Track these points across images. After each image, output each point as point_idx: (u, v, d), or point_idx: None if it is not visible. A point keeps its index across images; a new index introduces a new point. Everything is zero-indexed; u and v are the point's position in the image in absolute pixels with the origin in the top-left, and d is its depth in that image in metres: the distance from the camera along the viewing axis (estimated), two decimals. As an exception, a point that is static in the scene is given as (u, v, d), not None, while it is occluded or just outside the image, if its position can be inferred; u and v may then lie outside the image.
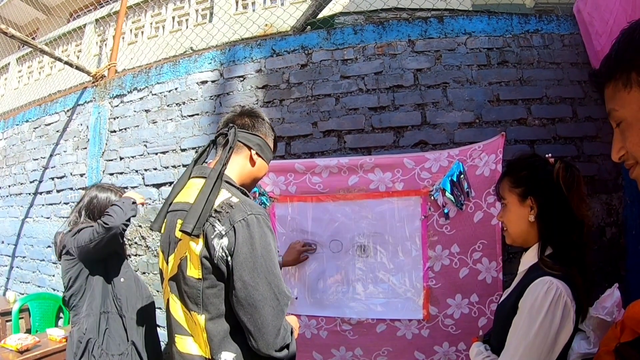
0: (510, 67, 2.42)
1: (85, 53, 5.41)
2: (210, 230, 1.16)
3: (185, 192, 1.32)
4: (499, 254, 2.10)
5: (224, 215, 1.16)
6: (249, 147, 1.39)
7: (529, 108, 2.37)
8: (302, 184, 2.23)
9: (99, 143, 3.30)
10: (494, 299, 2.11)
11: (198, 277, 1.18)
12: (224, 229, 1.15)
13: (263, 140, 1.43)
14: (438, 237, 2.14)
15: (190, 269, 1.20)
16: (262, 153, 1.42)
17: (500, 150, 2.11)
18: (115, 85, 3.34)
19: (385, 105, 2.38)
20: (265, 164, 1.45)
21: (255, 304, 1.12)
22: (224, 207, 1.18)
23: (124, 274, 2.17)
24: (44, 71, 6.16)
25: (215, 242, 1.15)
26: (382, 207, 2.18)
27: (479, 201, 2.14)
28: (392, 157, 2.17)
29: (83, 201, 2.21)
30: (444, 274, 2.14)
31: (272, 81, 2.58)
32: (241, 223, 1.15)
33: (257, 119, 1.44)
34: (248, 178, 1.42)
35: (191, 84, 2.86)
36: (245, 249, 1.13)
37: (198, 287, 1.19)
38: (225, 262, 1.15)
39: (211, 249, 1.15)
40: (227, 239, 1.14)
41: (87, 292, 2.08)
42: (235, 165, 1.38)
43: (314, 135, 2.45)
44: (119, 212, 1.98)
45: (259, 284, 1.12)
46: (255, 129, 1.42)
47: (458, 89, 2.38)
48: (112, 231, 1.94)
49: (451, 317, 2.14)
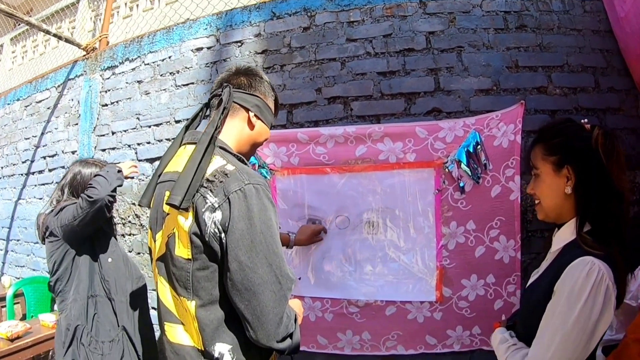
0: (529, 31, 2.22)
1: (79, 29, 5.14)
2: (200, 202, 0.99)
3: (176, 161, 1.15)
4: (517, 231, 1.93)
5: (217, 185, 1.00)
6: (246, 108, 1.21)
7: (549, 76, 2.17)
8: (306, 155, 2.03)
9: (90, 118, 3.08)
10: (511, 279, 1.96)
11: (187, 258, 1.02)
12: (216, 200, 0.98)
13: (262, 100, 1.24)
14: (453, 213, 1.96)
15: (178, 247, 1.04)
16: (261, 115, 1.24)
17: (520, 120, 1.93)
18: (106, 56, 3.11)
19: (395, 70, 2.16)
20: (265, 127, 1.27)
21: (254, 288, 0.96)
22: (217, 175, 1.02)
23: (111, 254, 1.96)
24: (38, 50, 5.88)
25: (206, 216, 0.98)
26: (393, 180, 1.99)
27: (496, 174, 1.95)
28: (403, 126, 1.97)
29: (66, 178, 2.00)
30: (458, 253, 1.97)
31: (272, 46, 2.35)
32: (237, 194, 0.98)
33: (254, 77, 1.25)
34: (246, 143, 1.24)
35: (185, 51, 2.63)
36: (242, 224, 0.96)
37: (187, 268, 1.02)
38: (218, 239, 0.98)
39: (202, 225, 0.98)
40: (221, 213, 0.98)
41: (73, 275, 1.88)
42: (231, 130, 1.20)
43: (317, 102, 2.23)
44: (103, 182, 1.77)
45: (257, 265, 0.96)
46: (252, 88, 1.23)
47: (474, 53, 2.16)
48: (97, 204, 1.73)
49: (465, 299, 1.98)
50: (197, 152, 1.04)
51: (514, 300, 1.95)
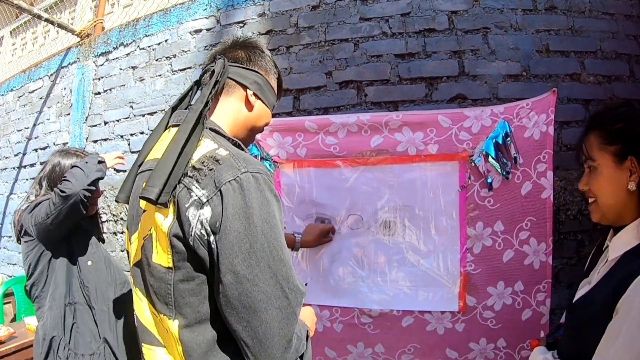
0: (559, 14, 2.03)
1: (78, 20, 4.99)
2: (184, 195, 0.80)
3: (159, 147, 0.96)
4: (549, 233, 1.73)
5: (206, 174, 0.80)
6: (244, 85, 1.02)
7: (582, 62, 1.99)
8: (314, 146, 1.82)
9: (82, 108, 2.88)
10: (542, 287, 1.75)
11: (167, 266, 0.82)
12: (204, 193, 0.79)
13: (263, 77, 1.06)
14: (479, 212, 1.75)
15: (156, 253, 0.85)
16: (261, 94, 1.05)
17: (552, 110, 1.73)
18: (100, 42, 2.92)
19: (414, 52, 1.95)
20: (266, 109, 1.08)
21: (255, 305, 0.75)
22: (206, 162, 0.82)
23: (91, 256, 1.75)
24: (37, 42, 5.71)
25: (190, 213, 0.78)
26: (412, 174, 1.77)
27: (527, 169, 1.74)
28: (423, 114, 1.76)
29: (44, 170, 1.80)
30: (485, 257, 1.76)
31: (277, 26, 2.15)
32: (231, 185, 0.78)
33: (254, 50, 1.07)
34: (244, 127, 1.05)
35: (183, 34, 2.43)
36: (238, 223, 0.76)
37: (167, 279, 0.83)
38: (206, 243, 0.78)
39: (185, 224, 0.79)
40: (210, 209, 0.78)
41: (49, 279, 1.68)
42: (225, 110, 1.02)
43: (328, 87, 2.03)
44: (79, 175, 1.55)
45: (259, 277, 0.76)
46: (252, 62, 1.05)
47: (501, 35, 1.97)
48: (71, 200, 1.52)
49: (491, 309, 1.77)
50: (181, 133, 0.84)
51: (544, 309, 1.75)
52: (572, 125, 1.93)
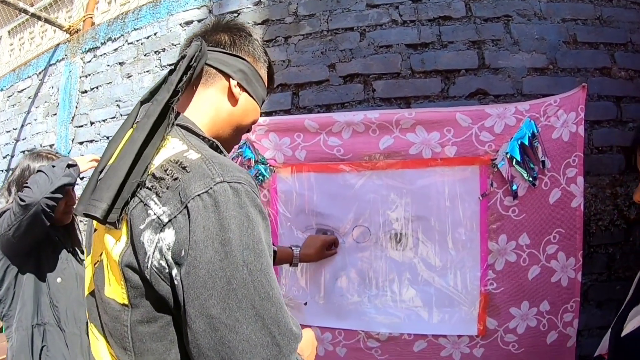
0: (586, 2, 1.87)
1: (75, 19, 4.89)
2: (139, 214, 0.63)
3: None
4: (579, 247, 1.56)
5: (169, 185, 0.63)
6: (226, 74, 0.84)
7: (612, 55, 1.82)
8: (315, 148, 1.64)
9: (68, 107, 2.71)
10: (569, 307, 1.58)
11: (122, 303, 0.65)
12: (166, 211, 0.61)
13: (249, 65, 0.87)
14: (502, 224, 1.56)
15: (108, 285, 0.68)
16: (248, 85, 0.87)
17: (582, 108, 1.55)
18: (88, 37, 2.74)
19: (428, 42, 1.77)
20: (254, 103, 0.90)
21: (236, 357, 0.55)
22: (169, 169, 0.64)
23: (60, 272, 1.57)
24: (34, 42, 5.60)
25: (146, 237, 0.61)
26: (427, 181, 1.59)
27: (555, 175, 1.56)
28: (439, 112, 1.58)
29: (14, 175, 1.63)
30: (508, 275, 1.58)
31: (274, 14, 1.96)
32: (202, 200, 0.59)
33: (239, 33, 0.89)
34: (227, 125, 0.87)
35: (173, 26, 2.26)
36: (212, 252, 0.57)
37: (124, 319, 0.65)
38: (167, 278, 0.61)
39: (139, 252, 0.61)
40: (173, 233, 0.60)
41: (17, 297, 1.53)
42: (203, 105, 0.83)
43: (330, 81, 1.84)
44: (42, 180, 1.37)
45: (240, 321, 0.56)
46: (236, 47, 0.87)
47: (524, 24, 1.78)
48: (31, 209, 1.34)
49: (514, 332, 1.59)
50: (139, 130, 0.67)
51: (571, 331, 1.58)
52: (603, 125, 1.75)
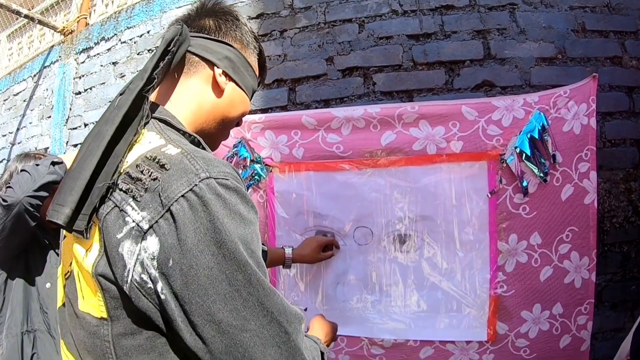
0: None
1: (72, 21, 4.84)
2: (114, 220, 0.55)
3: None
4: (592, 246, 1.47)
5: (147, 186, 0.55)
6: (210, 62, 0.76)
7: (622, 43, 1.74)
8: (313, 146, 1.55)
9: (62, 109, 2.63)
10: (583, 309, 1.50)
11: (99, 316, 0.58)
12: (146, 216, 0.54)
13: (237, 52, 0.79)
14: (512, 222, 1.48)
15: (82, 298, 0.60)
16: (235, 74, 0.78)
17: (593, 99, 1.47)
18: (82, 37, 2.67)
19: (431, 32, 1.68)
20: (242, 94, 0.80)
21: (250, 353, 0.53)
22: (146, 168, 0.57)
23: (50, 277, 1.49)
24: (33, 46, 5.56)
25: (125, 249, 0.54)
26: (432, 178, 1.50)
27: (567, 170, 1.47)
28: (444, 105, 1.50)
29: (2, 178, 1.58)
30: (519, 276, 1.50)
31: (269, 8, 1.88)
32: (187, 201, 0.53)
33: (226, 17, 0.80)
34: (211, 118, 0.77)
35: (166, 23, 2.14)
36: (208, 256, 0.52)
37: (103, 334, 0.57)
38: (150, 294, 0.54)
39: (117, 264, 0.54)
40: (157, 240, 0.53)
41: (6, 302, 1.47)
42: (185, 96, 0.74)
43: (329, 75, 1.76)
44: (24, 179, 1.30)
45: (249, 319, 0.53)
46: (222, 32, 0.78)
47: (531, 12, 1.70)
48: (14, 209, 1.27)
49: (525, 337, 1.51)
50: (108, 124, 0.58)
51: (585, 334, 1.50)
52: (616, 116, 1.66)
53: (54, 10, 5.42)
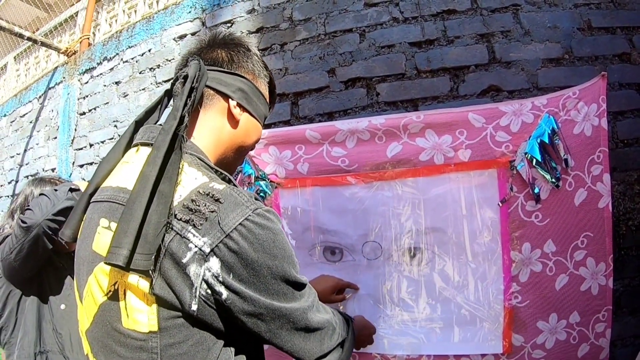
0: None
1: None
2: (178, 246, 0.62)
3: (120, 171, 0.75)
4: (609, 251, 1.40)
5: (207, 217, 0.63)
6: (225, 95, 0.79)
7: (630, 39, 1.66)
8: (318, 160, 1.49)
9: (67, 130, 2.61)
10: (601, 316, 1.43)
11: (148, 331, 0.64)
12: (207, 242, 0.62)
13: (249, 83, 0.82)
14: (525, 231, 1.40)
15: (126, 316, 0.65)
16: (248, 104, 0.82)
17: (603, 98, 1.40)
18: (84, 58, 2.65)
19: (433, 39, 1.61)
20: (255, 122, 0.85)
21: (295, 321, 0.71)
22: (202, 201, 0.65)
23: (65, 298, 1.52)
24: (40, 66, 5.58)
25: (192, 271, 0.62)
26: (440, 189, 1.44)
27: (580, 174, 1.41)
28: (450, 113, 1.43)
29: (16, 201, 1.59)
30: (534, 286, 1.43)
31: (269, 22, 1.82)
32: (244, 227, 0.64)
33: (237, 49, 0.83)
34: (230, 148, 0.82)
35: (167, 41, 2.14)
36: (263, 270, 0.65)
37: (151, 347, 0.64)
38: (214, 302, 0.64)
39: (180, 285, 0.62)
40: (218, 260, 0.62)
41: (19, 323, 1.47)
42: (205, 129, 0.79)
43: (331, 87, 1.69)
44: (44, 203, 1.32)
45: (291, 299, 0.70)
46: (234, 64, 0.81)
47: (534, 12, 1.63)
48: (33, 232, 1.30)
49: (542, 347, 1.44)
50: (150, 165, 0.64)
51: (603, 342, 1.44)
52: (628, 115, 1.58)
53: (59, 31, 5.46)
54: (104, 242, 0.66)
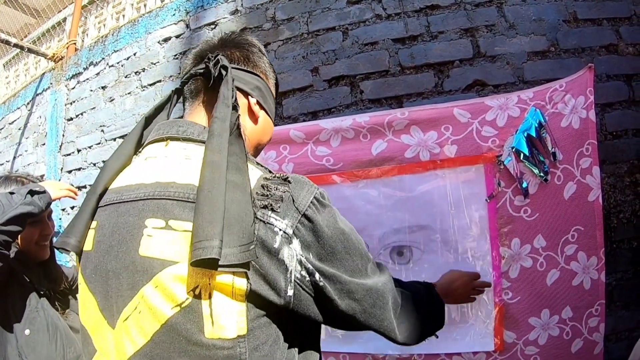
0: None
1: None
2: (265, 233, 0.61)
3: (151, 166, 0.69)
4: (600, 245, 1.40)
5: (282, 197, 0.63)
6: (245, 93, 0.79)
7: (617, 30, 1.67)
8: (303, 160, 1.49)
9: (55, 136, 2.60)
10: (594, 311, 1.42)
11: (235, 336, 0.59)
12: (288, 223, 0.62)
13: (264, 82, 0.83)
14: (514, 226, 1.40)
15: (210, 325, 0.58)
16: (264, 102, 0.82)
17: (591, 90, 1.40)
18: (71, 63, 2.64)
19: (417, 35, 1.61)
20: (270, 121, 0.86)
21: (382, 295, 0.73)
22: (272, 185, 0.65)
23: (30, 322, 1.29)
24: (29, 73, 5.59)
25: (285, 255, 0.61)
26: (427, 186, 1.43)
27: (568, 167, 1.41)
28: (435, 109, 1.43)
29: None
30: (524, 282, 1.42)
31: (252, 22, 1.83)
32: (315, 205, 0.65)
33: (251, 49, 0.83)
34: (249, 144, 0.82)
35: (152, 44, 2.14)
36: (339, 243, 0.67)
37: (240, 353, 0.59)
38: (309, 284, 0.64)
39: (276, 272, 0.60)
40: (298, 241, 0.62)
41: None
42: None
43: (315, 86, 1.69)
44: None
45: (373, 275, 0.74)
46: (251, 64, 0.81)
47: (519, 5, 1.63)
48: None
49: (535, 344, 1.44)
50: (216, 153, 0.62)
51: (597, 337, 1.43)
52: (616, 107, 1.58)
53: (48, 38, 5.44)
54: (162, 244, 0.60)
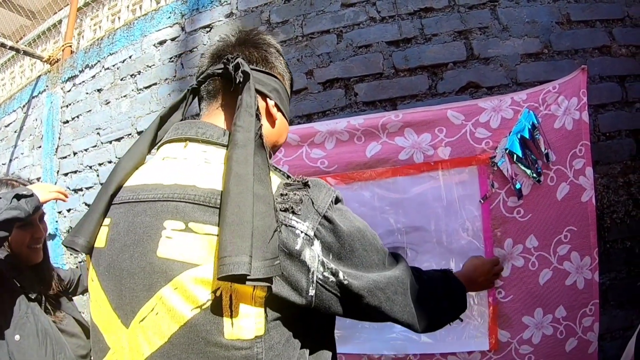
0: None
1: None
2: (287, 236, 0.62)
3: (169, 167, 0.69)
4: (593, 245, 1.40)
5: (303, 201, 0.64)
6: (264, 94, 0.78)
7: (610, 32, 1.68)
8: (297, 162, 1.49)
9: (51, 139, 2.60)
10: (588, 310, 1.43)
11: (254, 337, 0.60)
12: (309, 225, 0.63)
13: (281, 84, 0.82)
14: (507, 227, 1.41)
15: (230, 326, 0.59)
16: (281, 104, 0.81)
17: (584, 92, 1.40)
18: (67, 66, 2.64)
19: (410, 37, 1.62)
20: (286, 122, 0.85)
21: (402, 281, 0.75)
22: (290, 190, 0.66)
23: (20, 328, 1.26)
24: (25, 75, 5.56)
25: (307, 256, 0.62)
26: (421, 188, 1.44)
27: (562, 168, 1.41)
28: (429, 111, 1.43)
29: None
30: (516, 281, 1.43)
31: (247, 25, 1.83)
32: (334, 208, 0.66)
33: (269, 49, 0.81)
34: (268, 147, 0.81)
35: (147, 47, 2.14)
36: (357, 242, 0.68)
37: (258, 353, 0.60)
38: (333, 285, 0.65)
39: (297, 274, 0.62)
40: (319, 242, 0.63)
41: None
42: None
43: (309, 89, 1.70)
44: None
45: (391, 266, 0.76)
46: (270, 65, 0.80)
47: (512, 7, 1.64)
48: None
49: (529, 343, 1.44)
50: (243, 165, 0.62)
51: (591, 336, 1.44)
52: (609, 108, 1.59)
53: (43, 40, 5.42)
54: (182, 246, 0.60)
